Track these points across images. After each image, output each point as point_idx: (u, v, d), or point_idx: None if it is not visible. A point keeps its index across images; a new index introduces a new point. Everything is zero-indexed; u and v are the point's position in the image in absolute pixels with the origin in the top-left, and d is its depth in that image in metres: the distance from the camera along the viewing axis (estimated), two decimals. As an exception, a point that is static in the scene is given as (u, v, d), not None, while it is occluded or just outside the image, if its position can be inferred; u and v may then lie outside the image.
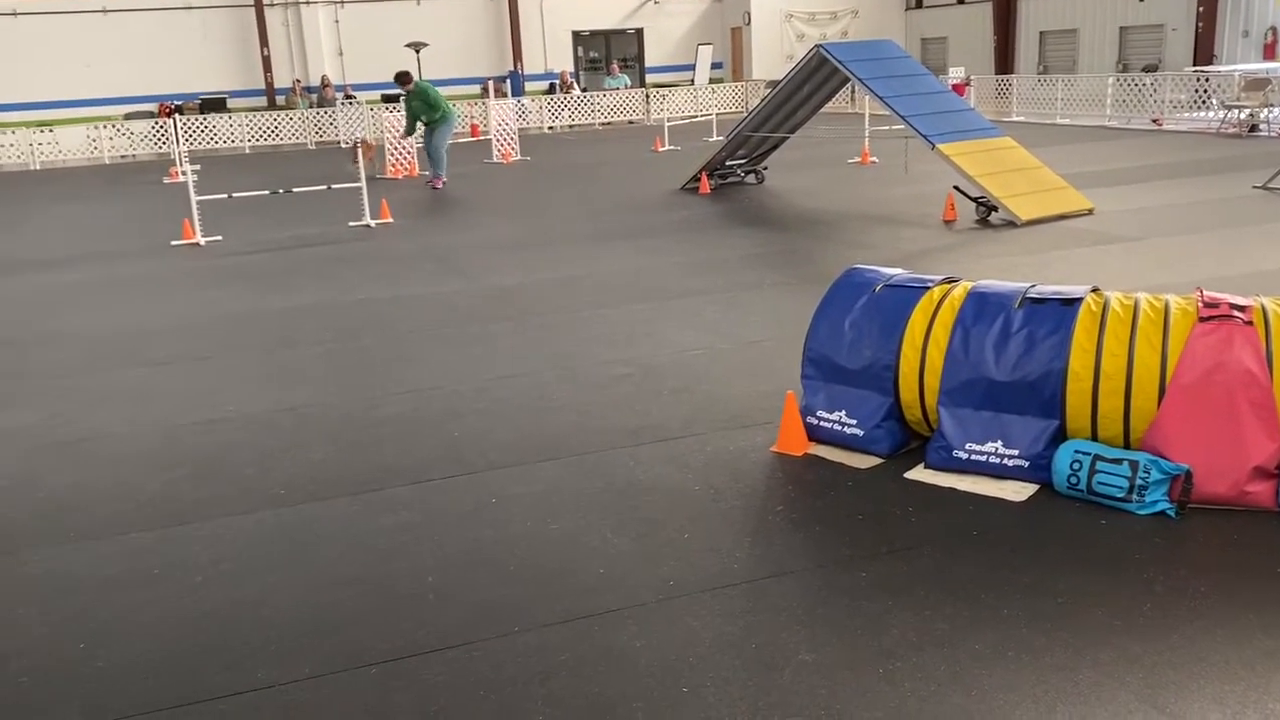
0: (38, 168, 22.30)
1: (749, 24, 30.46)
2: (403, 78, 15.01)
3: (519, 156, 18.82)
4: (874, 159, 15.64)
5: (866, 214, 11.09)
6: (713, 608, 3.36)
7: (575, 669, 3.05)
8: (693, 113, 24.49)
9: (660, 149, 19.06)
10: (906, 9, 31.36)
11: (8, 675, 3.18)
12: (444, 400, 5.64)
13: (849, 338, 4.50)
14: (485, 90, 26.18)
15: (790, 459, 4.53)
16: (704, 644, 3.14)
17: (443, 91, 15.61)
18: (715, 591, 3.46)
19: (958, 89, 20.94)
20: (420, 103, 14.80)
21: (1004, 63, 27.44)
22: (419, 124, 15.05)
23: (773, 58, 29.76)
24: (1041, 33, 26.95)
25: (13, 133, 23.39)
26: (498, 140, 18.84)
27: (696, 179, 13.47)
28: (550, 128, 25.33)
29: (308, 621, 3.41)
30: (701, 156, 14.38)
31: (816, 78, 12.46)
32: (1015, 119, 21.34)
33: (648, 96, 26.58)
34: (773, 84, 14.86)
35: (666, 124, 20.39)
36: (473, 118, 22.88)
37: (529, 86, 29.19)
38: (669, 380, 5.77)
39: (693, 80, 29.79)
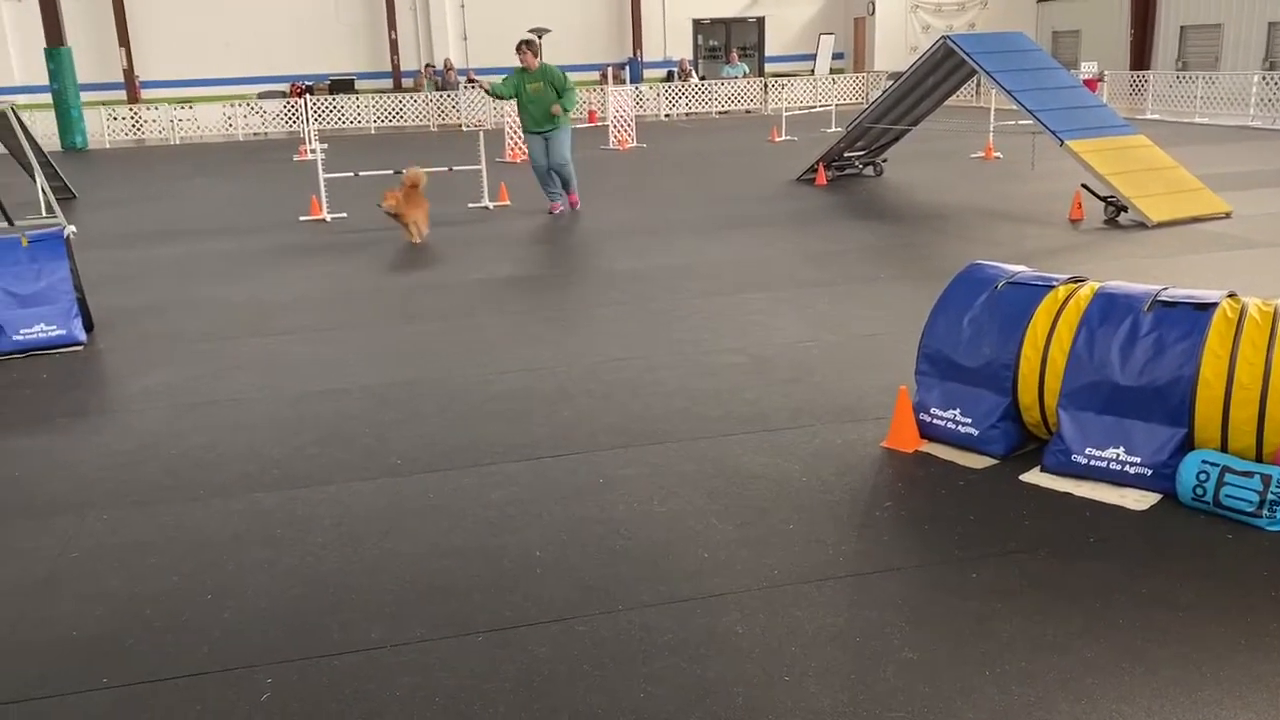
0: (177, 142, 23.37)
1: (873, 14, 29.92)
2: (529, 47, 11.19)
3: (635, 143, 18.91)
4: (998, 154, 15.22)
5: (988, 210, 10.82)
6: (816, 599, 3.35)
7: (677, 650, 3.08)
8: (811, 103, 24.20)
9: (777, 139, 18.90)
10: (1038, 1, 30.37)
11: (143, 619, 3.38)
12: (554, 380, 5.73)
13: (967, 335, 4.42)
14: (604, 77, 26.30)
15: (900, 455, 4.47)
16: (806, 634, 3.13)
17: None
18: (819, 583, 3.45)
19: (1089, 84, 20.20)
20: (546, 85, 11.07)
21: (1140, 58, 26.34)
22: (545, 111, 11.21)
23: (896, 49, 29.18)
24: (1182, 27, 25.78)
25: (156, 109, 24.58)
26: (615, 127, 18.96)
27: (813, 170, 13.33)
28: (667, 115, 25.36)
29: (420, 587, 3.52)
30: (819, 147, 14.22)
31: (942, 69, 12.18)
32: (1150, 117, 20.48)
33: (766, 86, 26.37)
34: (895, 75, 14.60)
35: (784, 114, 20.20)
36: (590, 104, 23.06)
37: (647, 74, 29.27)
38: (779, 370, 5.75)
39: (813, 70, 29.42)
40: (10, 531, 4.08)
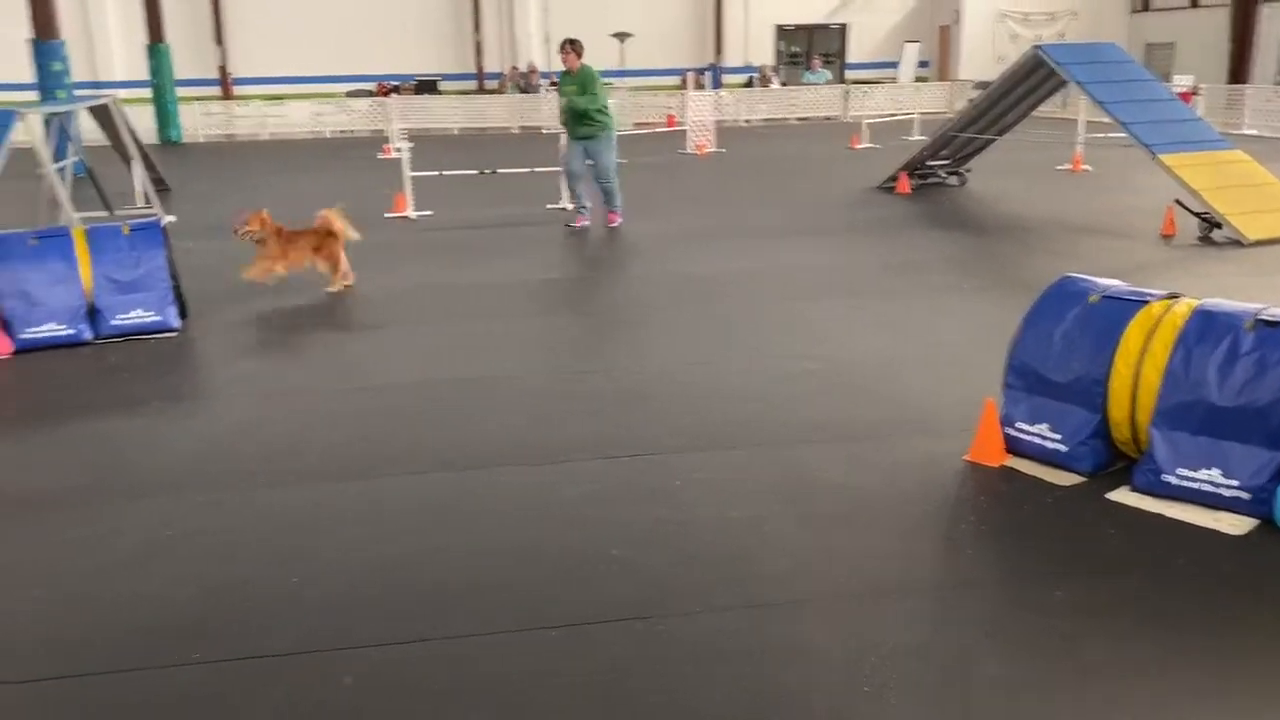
0: (267, 138, 23.97)
1: (959, 23, 29.47)
2: (574, 47, 10.68)
3: (714, 148, 18.88)
4: (1087, 167, 14.87)
5: (1075, 223, 10.57)
6: (896, 611, 3.31)
7: (754, 655, 3.07)
8: (893, 111, 23.93)
9: (858, 146, 18.72)
10: (1132, 11, 29.61)
11: (231, 599, 3.47)
12: (628, 381, 5.74)
13: (1058, 349, 4.32)
14: (684, 82, 26.29)
15: (984, 469, 4.39)
16: (886, 646, 3.10)
17: (640, 83, 13.92)
18: (899, 595, 3.41)
19: (1184, 97, 19.63)
20: (579, 89, 10.53)
21: (1239, 72, 25.51)
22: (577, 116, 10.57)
23: (983, 58, 28.68)
24: (1285, 40, 24.88)
25: (247, 105, 25.25)
26: (693, 131, 18.96)
27: (895, 178, 13.18)
28: (746, 121, 25.29)
29: (495, 580, 3.56)
30: (901, 155, 14.05)
31: (1031, 79, 11.95)
32: (1247, 132, 19.83)
33: (847, 93, 26.14)
34: (981, 84, 14.33)
35: (866, 121, 20.00)
36: (669, 108, 23.10)
37: (727, 79, 29.22)
38: (856, 378, 5.69)
39: (896, 78, 29.09)
40: (110, 510, 4.22)
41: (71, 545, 3.90)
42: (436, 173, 12.50)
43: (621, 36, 25.85)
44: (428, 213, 12.01)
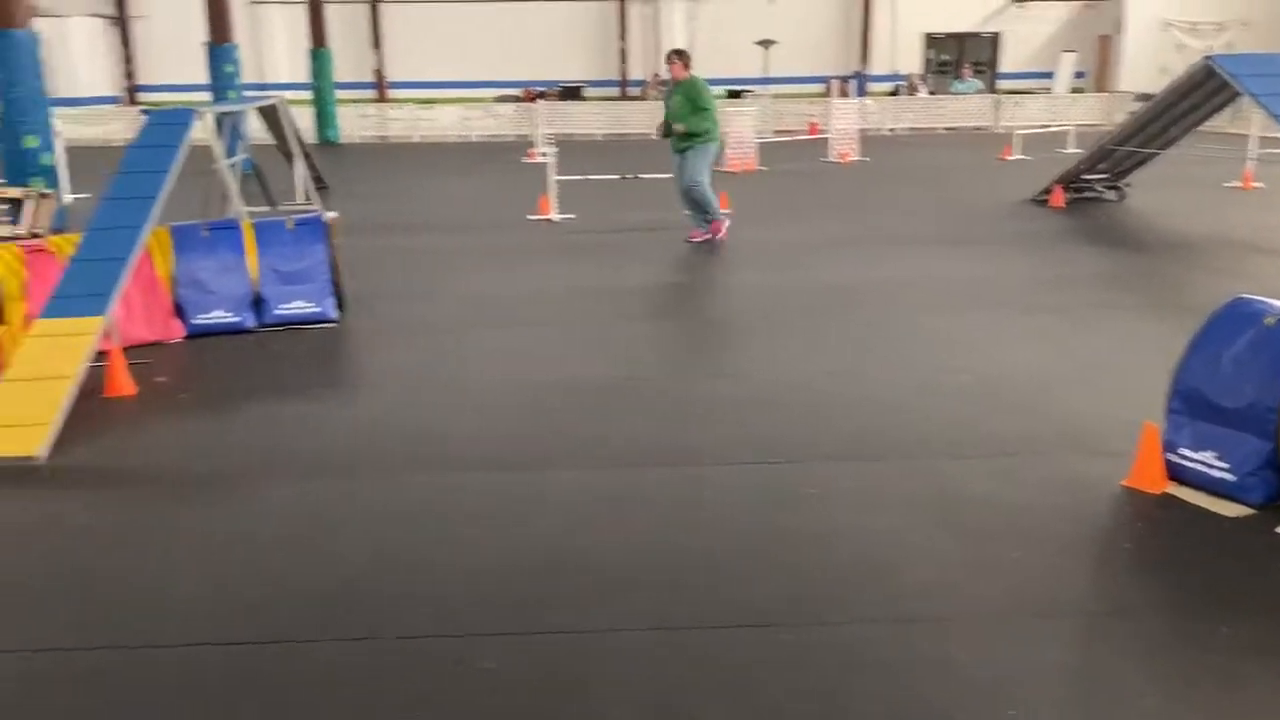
0: (417, 140, 24.81)
1: (1121, 32, 28.26)
2: (680, 57, 10.45)
3: (857, 157, 18.63)
4: (1259, 184, 14.06)
5: (1243, 242, 10.01)
6: (1046, 633, 3.21)
7: (895, 668, 3.02)
8: (1047, 122, 23.14)
9: (1008, 157, 18.17)
10: (1311, 19, 27.85)
11: (379, 580, 3.61)
12: (767, 388, 5.72)
13: (1228, 373, 4.11)
14: (828, 89, 26.05)
15: (1143, 495, 4.20)
16: (1035, 668, 3.00)
17: (783, 90, 13.73)
18: (1049, 617, 3.30)
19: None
20: (683, 100, 10.16)
21: None
22: (675, 130, 10.26)
23: (1145, 69, 27.42)
24: None
25: (400, 108, 26.21)
26: (836, 139, 18.75)
27: (1048, 191, 12.73)
28: (891, 130, 24.85)
29: (626, 577, 3.60)
30: (1055, 168, 13.57)
31: (1200, 92, 11.36)
32: None
33: (998, 103, 25.39)
34: (1144, 96, 13.70)
35: (1017, 132, 19.40)
36: (812, 116, 22.90)
37: (873, 88, 28.78)
38: (1006, 394, 5.53)
39: (1051, 88, 28.11)
40: (269, 489, 4.45)
41: (237, 523, 4.13)
42: (580, 176, 12.72)
43: (766, 44, 25.77)
44: (570, 216, 12.22)
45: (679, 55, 10.45)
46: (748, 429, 5.07)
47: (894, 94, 28.03)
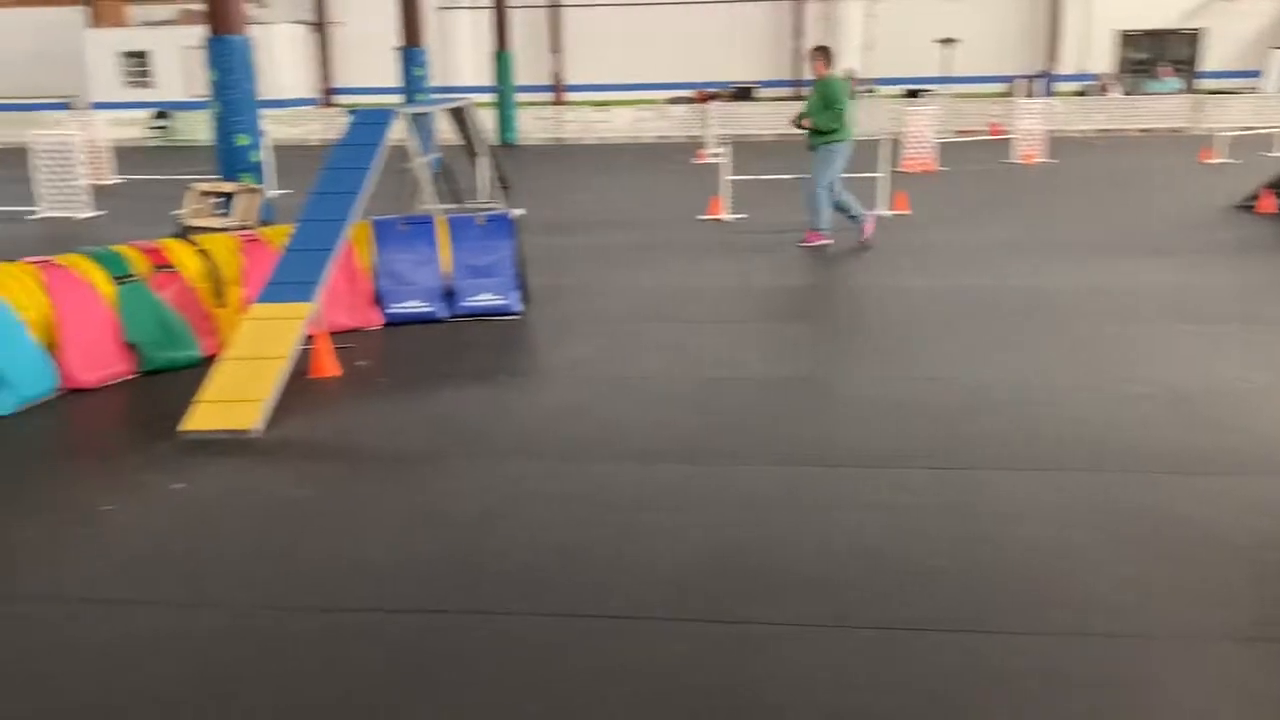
0: (592, 142, 25.36)
1: (1341, 25, 26.16)
2: (822, 54, 10.41)
3: (1042, 158, 17.93)
4: None
5: None
6: (1248, 659, 3.05)
7: (1092, 686, 2.93)
8: (1255, 124, 21.65)
9: (1209, 161, 17.11)
10: None
11: (567, 561, 3.75)
12: (951, 393, 5.60)
13: None
14: (1012, 89, 25.14)
15: (1363, 520, 3.93)
16: (1240, 695, 2.87)
17: (964, 89, 13.77)
18: (1251, 642, 3.13)
19: None
20: (818, 97, 10.14)
21: None
22: (803, 123, 10.33)
23: (1367, 65, 25.34)
24: None
25: (575, 111, 26.84)
26: (1020, 140, 18.10)
27: (1255, 196, 11.93)
28: (1079, 131, 23.78)
29: (807, 575, 3.61)
30: (1263, 172, 12.70)
31: None
32: None
33: (1199, 103, 23.91)
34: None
35: (1220, 134, 18.23)
36: (995, 116, 22.16)
37: (1061, 87, 27.60)
38: (1205, 409, 5.24)
39: (1257, 88, 26.28)
40: (462, 469, 4.68)
41: (432, 498, 4.37)
42: (752, 177, 12.73)
43: (947, 42, 25.08)
44: (742, 216, 12.26)
45: (821, 52, 10.45)
46: (931, 433, 4.99)
47: (1082, 94, 26.82)
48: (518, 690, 2.95)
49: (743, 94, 28.69)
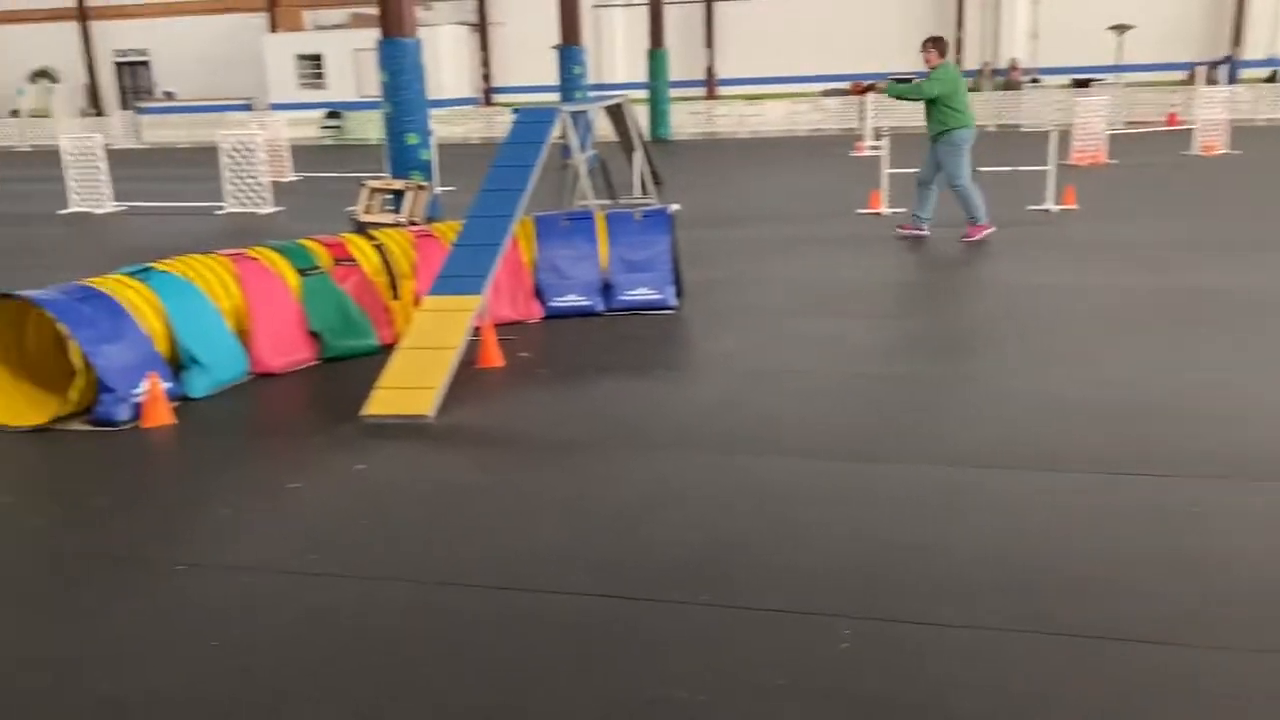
0: (745, 136, 25.30)
1: None
2: (935, 45, 10.32)
3: (1225, 150, 16.89)
4: None
5: None
6: None
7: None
8: None
9: None
10: None
11: (731, 552, 3.78)
12: (1132, 396, 5.36)
13: None
14: (1191, 76, 23.75)
15: None
16: None
17: (1139, 78, 13.24)
18: None
19: None
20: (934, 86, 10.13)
21: None
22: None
23: None
24: None
25: (728, 105, 26.81)
26: (1201, 130, 17.10)
27: None
28: (1269, 120, 22.29)
29: (990, 576, 3.52)
30: None
31: None
32: None
33: None
34: None
35: None
36: (1172, 105, 21.01)
37: (1247, 73, 25.90)
38: None
39: None
40: (623, 459, 4.78)
41: (595, 486, 4.48)
42: (913, 170, 12.46)
43: (1120, 29, 23.88)
44: (901, 210, 12.01)
45: (934, 43, 10.34)
46: (1106, 436, 4.79)
47: (1270, 80, 25.11)
48: (678, 678, 3.00)
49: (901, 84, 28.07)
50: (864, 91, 10.51)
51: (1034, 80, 26.73)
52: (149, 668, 3.16)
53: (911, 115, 24.64)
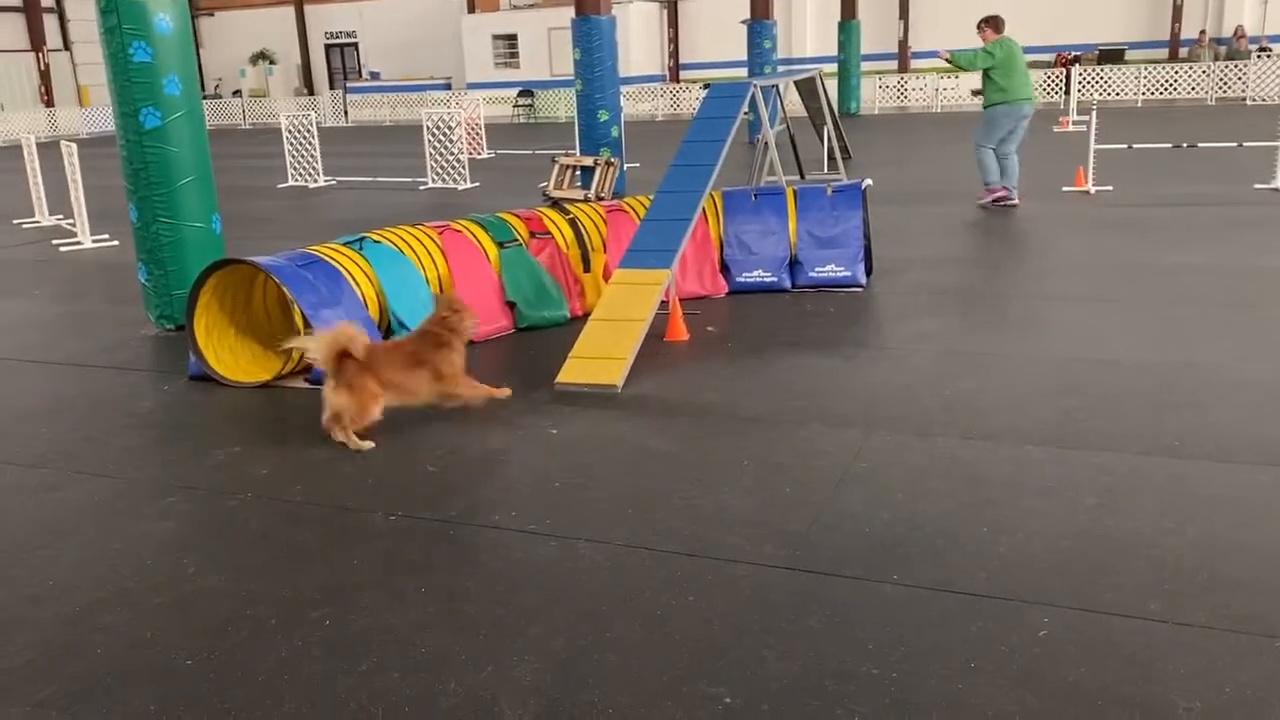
0: (938, 110, 24.48)
1: None
2: (989, 24, 10.72)
3: None
4: None
5: None
6: None
7: None
8: None
9: None
10: None
11: (924, 534, 3.72)
12: (1369, 390, 4.95)
13: None
14: None
15: None
16: None
17: None
18: None
19: None
20: (986, 59, 10.55)
21: None
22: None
23: None
24: None
25: (922, 78, 25.99)
26: None
27: None
28: None
29: (1204, 574, 3.34)
30: None
31: None
32: None
33: None
34: None
35: None
36: None
37: None
38: None
39: None
40: (810, 435, 4.77)
41: (782, 460, 4.48)
42: (1125, 146, 11.78)
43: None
44: (1107, 188, 11.40)
45: (988, 22, 10.68)
46: (1336, 432, 4.44)
47: None
48: (867, 654, 2.99)
49: (1109, 56, 26.46)
50: (1069, 64, 10.71)
51: (1262, 49, 24.67)
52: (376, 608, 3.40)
53: (1119, 89, 23.33)
